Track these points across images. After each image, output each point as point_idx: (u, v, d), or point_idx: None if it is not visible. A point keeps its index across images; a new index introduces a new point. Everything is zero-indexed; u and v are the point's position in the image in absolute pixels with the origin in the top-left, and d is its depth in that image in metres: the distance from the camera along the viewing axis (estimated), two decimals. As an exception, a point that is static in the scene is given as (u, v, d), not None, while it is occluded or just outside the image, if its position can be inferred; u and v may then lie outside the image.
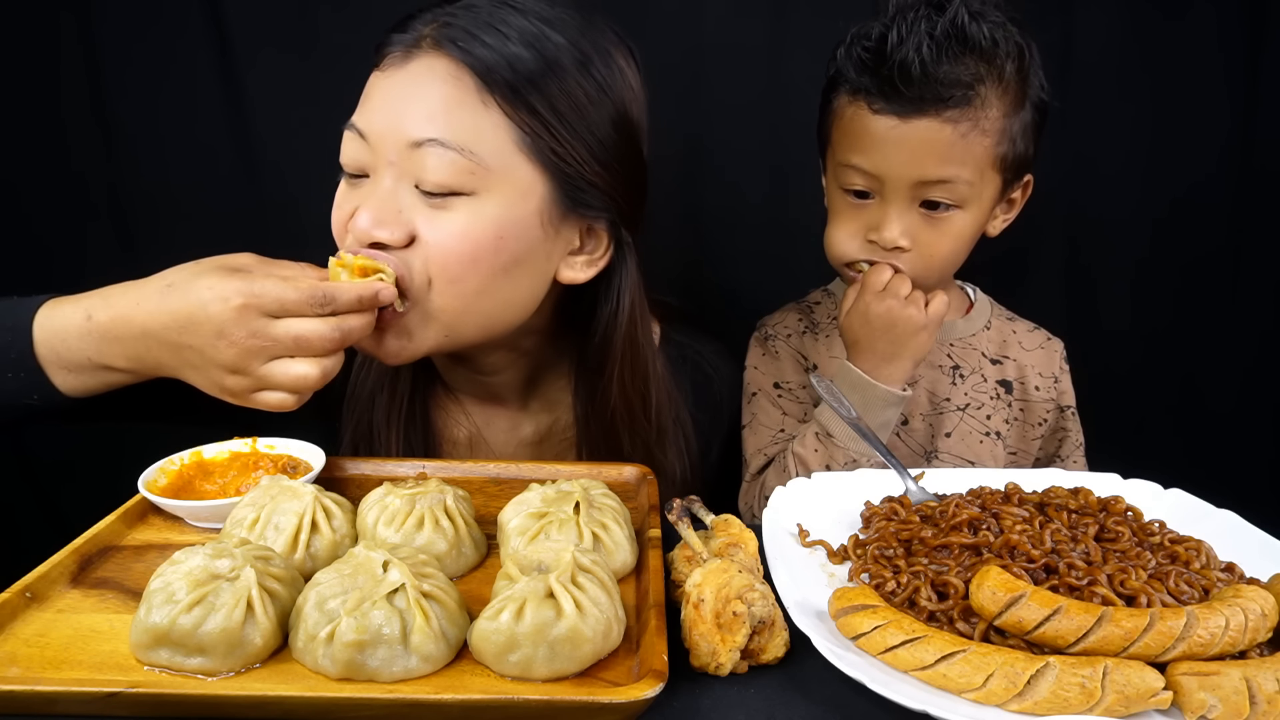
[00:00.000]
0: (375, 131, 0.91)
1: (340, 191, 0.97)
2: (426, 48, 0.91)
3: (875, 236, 1.09)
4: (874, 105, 1.04)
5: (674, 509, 0.83)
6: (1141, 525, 0.84)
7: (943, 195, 1.06)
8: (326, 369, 0.83)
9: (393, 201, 0.91)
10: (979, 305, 1.29)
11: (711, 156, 1.57)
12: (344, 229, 0.94)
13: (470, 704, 0.61)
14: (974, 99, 1.02)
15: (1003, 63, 1.03)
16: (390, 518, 0.81)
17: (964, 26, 1.00)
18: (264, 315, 0.79)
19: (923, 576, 0.76)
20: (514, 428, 1.17)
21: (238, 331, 0.78)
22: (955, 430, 1.20)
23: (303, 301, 0.79)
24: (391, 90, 0.92)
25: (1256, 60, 1.47)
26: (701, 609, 0.68)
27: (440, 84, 0.89)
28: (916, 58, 0.99)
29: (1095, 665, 0.62)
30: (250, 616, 0.66)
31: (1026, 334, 1.28)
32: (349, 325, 0.82)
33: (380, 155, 0.91)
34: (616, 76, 0.97)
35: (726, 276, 1.63)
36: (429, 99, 0.89)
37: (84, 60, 1.50)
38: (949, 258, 1.11)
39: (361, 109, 0.94)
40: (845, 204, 1.12)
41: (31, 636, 0.69)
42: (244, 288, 0.78)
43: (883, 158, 1.05)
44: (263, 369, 0.81)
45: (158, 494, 0.88)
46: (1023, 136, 1.08)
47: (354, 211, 0.92)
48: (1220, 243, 1.56)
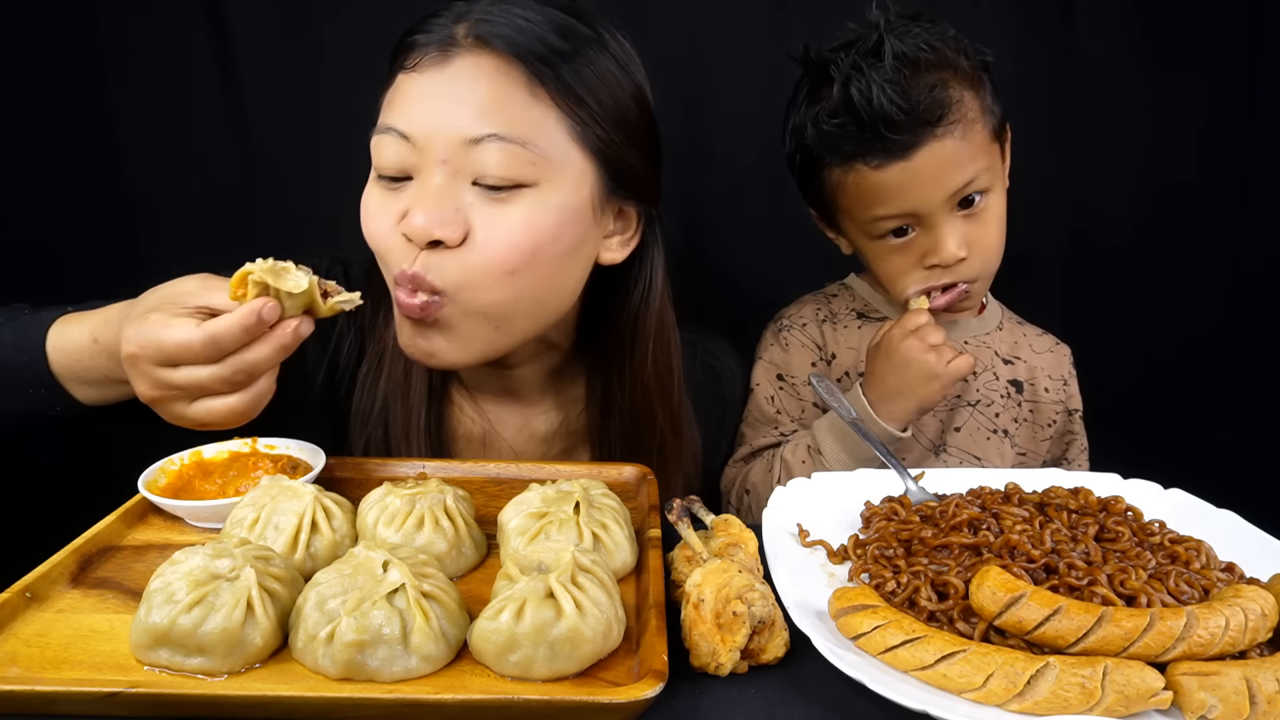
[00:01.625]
0: (422, 132, 0.90)
1: (376, 197, 0.95)
2: (468, 45, 0.90)
3: (935, 260, 1.11)
4: (873, 163, 1.07)
5: (674, 509, 0.83)
6: (1141, 525, 0.84)
7: (973, 191, 1.09)
8: (254, 396, 0.80)
9: (450, 199, 0.90)
10: (991, 307, 1.30)
11: (712, 156, 1.57)
12: (390, 232, 0.93)
13: (470, 704, 0.61)
14: (952, 102, 1.05)
15: (947, 55, 1.07)
16: (390, 518, 0.81)
17: (903, 54, 1.03)
18: (160, 365, 0.76)
19: (923, 576, 0.76)
20: (526, 423, 1.16)
21: (140, 380, 0.78)
22: (965, 426, 1.21)
23: (184, 349, 0.75)
24: (436, 89, 0.91)
25: (1257, 60, 1.47)
26: (701, 609, 0.68)
27: (489, 80, 0.89)
28: (890, 103, 1.02)
29: (1095, 665, 0.62)
30: (250, 616, 0.66)
31: (1036, 337, 1.30)
32: (248, 360, 0.76)
33: (429, 155, 0.90)
34: (629, 54, 0.99)
35: (728, 276, 1.63)
36: (479, 95, 0.89)
37: (84, 61, 1.50)
38: (999, 244, 1.14)
39: (398, 111, 0.92)
40: (886, 248, 1.14)
41: (31, 636, 0.69)
42: (133, 335, 0.76)
43: (906, 197, 1.08)
44: (187, 410, 0.79)
45: (157, 494, 0.88)
46: (993, 99, 1.12)
47: (403, 214, 0.91)
48: (1220, 243, 1.56)
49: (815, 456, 1.12)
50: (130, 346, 0.76)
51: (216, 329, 0.74)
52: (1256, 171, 1.52)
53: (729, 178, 1.58)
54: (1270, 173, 1.51)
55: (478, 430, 1.15)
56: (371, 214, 0.95)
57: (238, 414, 0.80)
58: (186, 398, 0.78)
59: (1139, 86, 1.50)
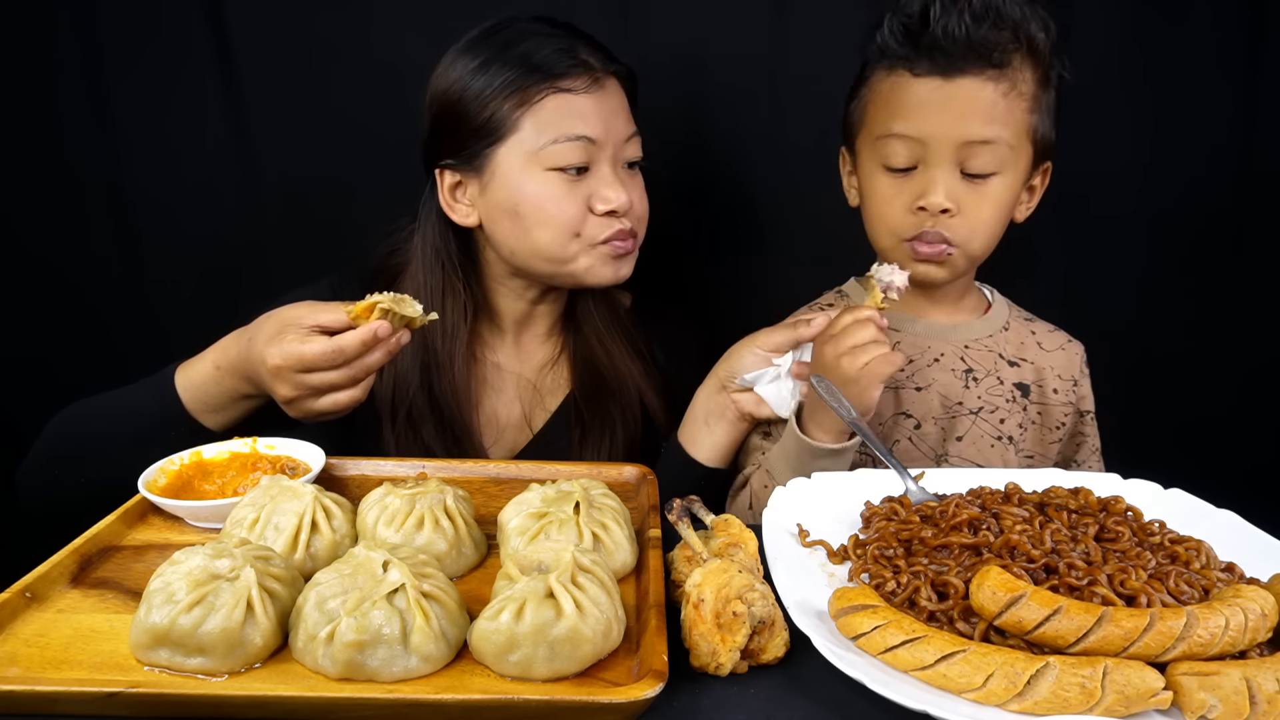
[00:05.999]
0: (601, 136, 1.19)
1: (564, 190, 1.19)
2: (604, 75, 1.21)
3: (924, 202, 1.10)
4: (917, 70, 1.09)
5: (674, 509, 0.83)
6: (1141, 525, 0.84)
7: (985, 160, 1.09)
8: (365, 389, 1.04)
9: (621, 176, 1.22)
10: (996, 307, 1.28)
11: (713, 155, 1.57)
12: (581, 216, 1.20)
13: (470, 704, 0.61)
14: (1011, 61, 1.07)
15: (1034, 34, 1.08)
16: (390, 518, 0.81)
17: (998, 2, 1.07)
18: (297, 372, 0.99)
19: (923, 576, 0.76)
20: (529, 357, 1.38)
21: (283, 386, 1.00)
22: (967, 434, 1.20)
23: (321, 358, 0.98)
24: (604, 107, 1.20)
25: (1257, 58, 1.47)
26: (701, 609, 0.68)
27: (618, 98, 1.23)
28: (959, 23, 1.06)
29: (1095, 665, 0.62)
30: (250, 616, 0.66)
31: (1047, 335, 1.27)
32: (366, 364, 1.00)
33: (605, 150, 1.20)
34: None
35: (728, 276, 1.63)
36: (622, 111, 1.23)
37: (86, 65, 1.50)
38: (992, 223, 1.13)
39: (581, 122, 1.18)
40: (886, 183, 1.14)
41: (31, 636, 0.69)
42: (276, 352, 0.99)
43: (926, 120, 1.09)
44: (315, 404, 1.02)
45: (157, 494, 0.88)
46: (1049, 115, 1.13)
47: (587, 201, 1.19)
48: (1221, 242, 1.56)
49: (771, 483, 1.10)
50: (275, 360, 0.98)
51: (344, 343, 0.98)
52: (1259, 165, 1.51)
53: (729, 177, 1.58)
54: (1272, 166, 1.51)
55: (493, 358, 1.36)
56: (561, 205, 1.20)
57: (354, 402, 1.04)
58: (316, 395, 1.01)
59: (1140, 82, 1.49)
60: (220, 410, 1.09)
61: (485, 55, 1.18)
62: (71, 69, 1.50)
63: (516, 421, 1.34)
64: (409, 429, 1.25)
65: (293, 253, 1.58)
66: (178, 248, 1.57)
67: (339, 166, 1.55)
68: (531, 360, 1.38)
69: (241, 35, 1.50)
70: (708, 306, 1.55)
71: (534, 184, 1.18)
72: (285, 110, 1.53)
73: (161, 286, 1.58)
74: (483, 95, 1.17)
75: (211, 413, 1.09)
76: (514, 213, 1.20)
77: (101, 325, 1.60)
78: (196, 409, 1.09)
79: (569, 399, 1.35)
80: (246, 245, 1.58)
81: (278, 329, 1.01)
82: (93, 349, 1.59)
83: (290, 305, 1.04)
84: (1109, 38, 1.47)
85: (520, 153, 1.18)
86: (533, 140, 1.17)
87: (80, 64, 1.50)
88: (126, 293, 1.59)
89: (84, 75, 1.51)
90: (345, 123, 1.52)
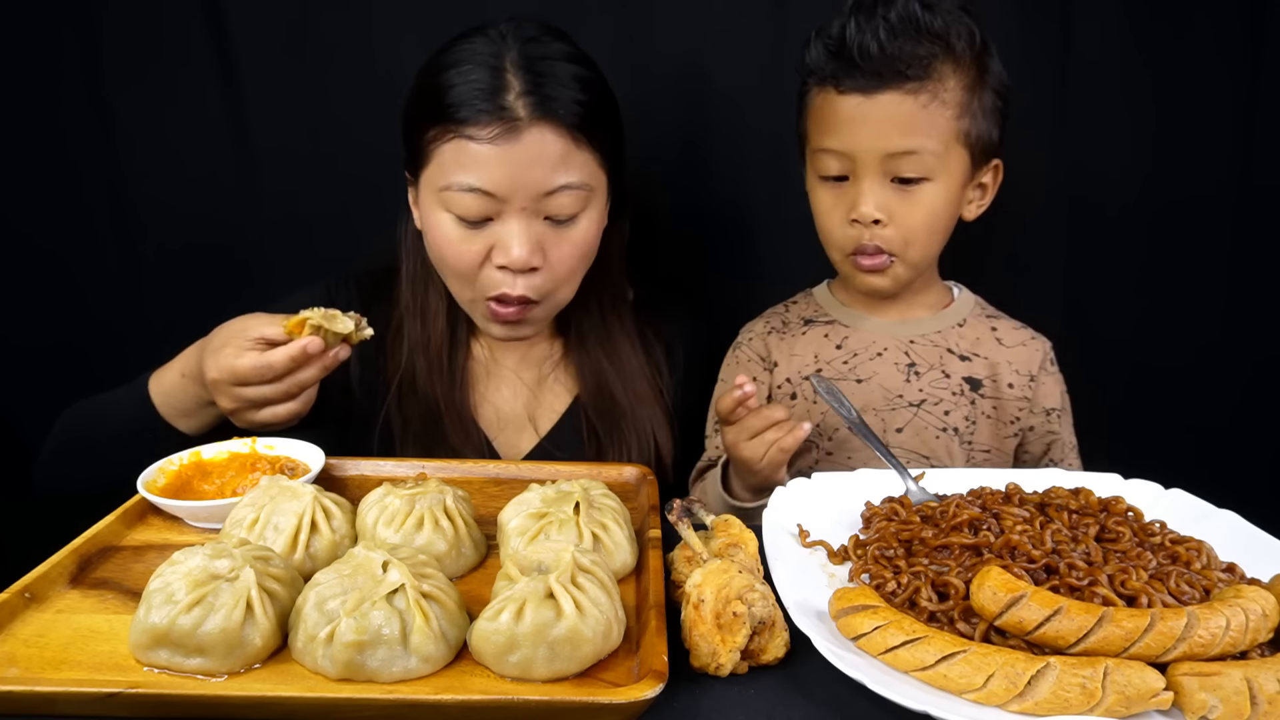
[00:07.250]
0: (503, 189, 1.10)
1: (460, 235, 1.13)
2: (527, 122, 1.09)
3: (855, 214, 1.14)
4: (840, 87, 1.12)
5: (674, 509, 0.83)
6: (1142, 525, 0.83)
7: (911, 168, 1.11)
8: (303, 403, 1.04)
9: (532, 233, 1.12)
10: (958, 303, 1.28)
11: (713, 156, 1.57)
12: (475, 264, 1.14)
13: (470, 704, 0.61)
14: (931, 73, 1.09)
15: (955, 43, 1.10)
16: (390, 518, 0.81)
17: (916, 15, 1.09)
18: (235, 385, 1.00)
19: (923, 577, 0.76)
20: (526, 353, 1.35)
21: (221, 398, 1.02)
22: (908, 426, 1.21)
23: (252, 373, 0.99)
24: (513, 157, 1.09)
25: (1258, 61, 1.47)
26: (702, 609, 0.68)
27: (555, 144, 1.11)
28: (874, 40, 1.09)
29: (1096, 666, 0.62)
30: (250, 617, 0.66)
31: (1009, 331, 1.27)
32: (299, 380, 1.01)
33: (513, 203, 1.11)
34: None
35: (726, 278, 1.63)
36: (546, 161, 1.11)
37: (86, 66, 1.50)
38: (924, 229, 1.15)
39: (477, 173, 1.09)
40: (825, 192, 1.18)
41: (31, 637, 0.69)
42: (213, 365, 1.00)
43: (851, 134, 1.12)
44: (256, 416, 1.03)
45: (157, 494, 0.88)
46: (985, 117, 1.14)
47: (488, 251, 1.13)
48: (1221, 243, 1.56)
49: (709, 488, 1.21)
50: (213, 373, 1.00)
51: (273, 359, 0.99)
52: (1259, 167, 1.51)
53: (730, 177, 1.58)
54: (1271, 173, 1.51)
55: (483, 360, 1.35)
56: (455, 252, 1.16)
57: (293, 416, 1.04)
58: (255, 408, 1.02)
59: (1140, 84, 1.49)
60: (190, 415, 1.10)
61: (428, 73, 1.13)
62: (71, 68, 1.51)
63: (518, 419, 1.33)
64: (404, 428, 1.25)
65: (293, 253, 1.57)
66: (177, 247, 1.57)
67: (339, 166, 1.54)
68: (529, 356, 1.36)
69: (241, 35, 1.50)
70: (708, 308, 1.55)
71: (436, 221, 1.15)
72: (285, 110, 1.53)
73: (161, 285, 1.58)
74: (411, 115, 1.15)
75: (183, 417, 1.10)
76: (428, 241, 1.19)
77: (101, 322, 1.60)
78: (169, 414, 1.10)
79: (578, 407, 1.33)
80: (246, 245, 1.58)
81: (224, 341, 1.02)
82: (93, 346, 1.59)
83: (242, 316, 1.05)
84: (1109, 40, 1.47)
85: (429, 187, 1.14)
86: (436, 178, 1.12)
87: (80, 63, 1.50)
88: (126, 290, 1.59)
89: (84, 75, 1.51)
90: (345, 123, 1.52)
